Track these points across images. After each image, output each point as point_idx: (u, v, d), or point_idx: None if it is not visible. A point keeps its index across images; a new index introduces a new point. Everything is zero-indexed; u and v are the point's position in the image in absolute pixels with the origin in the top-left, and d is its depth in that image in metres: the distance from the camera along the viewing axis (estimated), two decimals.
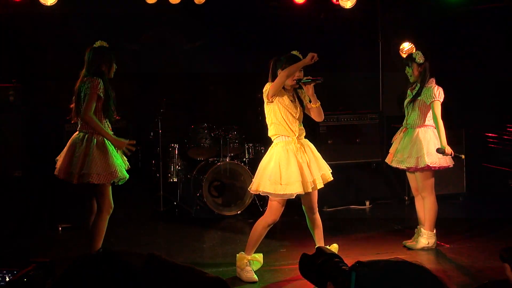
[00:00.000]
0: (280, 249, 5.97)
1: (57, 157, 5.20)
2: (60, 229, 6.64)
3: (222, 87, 9.02)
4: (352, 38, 8.79)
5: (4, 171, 6.72)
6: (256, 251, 5.15)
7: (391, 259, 1.70)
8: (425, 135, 5.76)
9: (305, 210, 5.19)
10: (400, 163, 5.86)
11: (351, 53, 8.75)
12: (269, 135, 5.09)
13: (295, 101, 5.05)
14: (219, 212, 7.23)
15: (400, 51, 8.02)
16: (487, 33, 8.16)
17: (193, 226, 6.99)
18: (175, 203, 7.55)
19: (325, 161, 5.15)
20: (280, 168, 4.87)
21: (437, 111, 5.65)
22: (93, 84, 4.96)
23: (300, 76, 4.97)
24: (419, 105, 5.78)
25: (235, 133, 7.55)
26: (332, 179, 5.12)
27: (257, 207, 7.27)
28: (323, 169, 5.06)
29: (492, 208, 7.45)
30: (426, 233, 5.84)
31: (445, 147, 5.62)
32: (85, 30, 7.41)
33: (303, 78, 4.98)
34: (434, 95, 5.67)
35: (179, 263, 1.60)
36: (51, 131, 7.07)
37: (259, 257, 5.18)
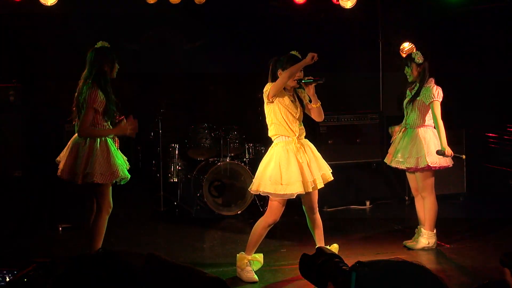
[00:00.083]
0: (280, 249, 5.96)
1: (57, 158, 5.17)
2: (60, 229, 6.63)
3: (222, 87, 9.03)
4: (352, 38, 8.79)
5: (4, 171, 6.72)
6: (256, 251, 5.15)
7: (391, 259, 1.70)
8: (425, 135, 5.75)
9: (305, 210, 5.18)
10: (400, 164, 5.85)
11: (351, 53, 8.75)
12: (269, 135, 5.09)
13: (296, 101, 5.04)
14: (219, 212, 7.23)
15: (400, 51, 8.01)
16: (487, 33, 8.15)
17: (193, 226, 6.98)
18: (175, 203, 7.55)
19: (325, 161, 5.15)
20: (280, 168, 4.87)
21: (436, 112, 5.64)
22: (91, 96, 4.89)
23: (300, 76, 4.97)
24: (418, 105, 5.77)
25: (235, 133, 7.54)
26: (332, 179, 5.11)
27: (257, 207, 7.27)
28: (323, 169, 5.06)
29: (492, 208, 7.45)
30: (426, 233, 5.84)
31: (445, 149, 5.61)
32: (85, 30, 7.41)
33: (305, 78, 4.97)
34: (433, 95, 5.66)
35: (178, 263, 1.60)
36: (51, 131, 7.07)
37: (260, 257, 5.17)
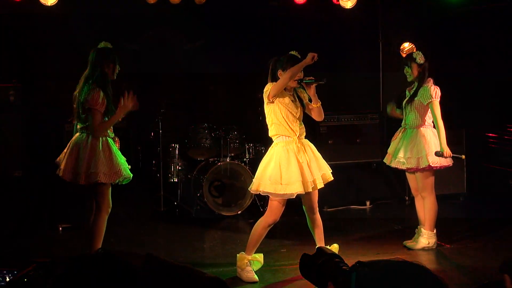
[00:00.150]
0: (280, 249, 5.96)
1: (57, 159, 5.16)
2: (60, 229, 6.63)
3: (222, 87, 9.03)
4: (352, 38, 8.79)
5: (4, 171, 6.72)
6: (256, 251, 5.15)
7: (391, 259, 1.70)
8: (424, 135, 5.74)
9: (306, 210, 5.18)
10: (400, 164, 5.84)
11: (351, 53, 8.75)
12: (269, 135, 5.09)
13: (296, 101, 5.04)
14: (219, 212, 7.23)
15: (400, 51, 8.01)
16: (487, 33, 8.15)
17: (194, 226, 6.98)
18: (175, 203, 7.55)
19: (326, 161, 5.15)
20: (280, 168, 4.87)
21: (436, 112, 5.63)
22: (93, 98, 4.91)
23: (300, 76, 4.97)
24: (416, 106, 5.76)
25: (236, 133, 7.54)
26: (332, 179, 5.11)
27: (257, 207, 7.27)
28: (323, 169, 5.06)
29: (492, 208, 7.44)
30: (426, 233, 5.84)
31: (444, 150, 5.60)
32: (85, 30, 7.41)
33: (306, 78, 4.97)
34: (431, 95, 5.65)
35: (177, 263, 1.60)
36: (51, 131, 7.07)
37: (260, 257, 5.17)
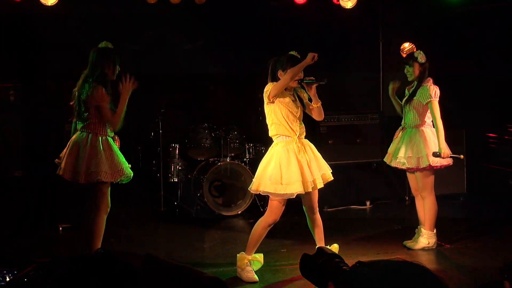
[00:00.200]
0: (280, 249, 5.96)
1: (57, 159, 5.16)
2: (60, 229, 6.63)
3: (222, 87, 9.02)
4: (352, 38, 8.79)
5: (4, 171, 6.72)
6: (256, 251, 5.15)
7: (391, 259, 1.69)
8: (424, 135, 5.73)
9: (306, 210, 5.18)
10: (401, 164, 5.83)
11: (351, 53, 8.75)
12: (270, 135, 5.09)
13: (296, 100, 5.04)
14: (219, 212, 7.23)
15: (400, 51, 8.01)
16: (487, 33, 8.15)
17: (194, 226, 6.98)
18: (175, 203, 7.55)
19: (326, 161, 5.15)
20: (280, 167, 4.87)
21: (435, 111, 5.62)
22: (98, 95, 4.93)
23: (300, 76, 4.97)
24: (415, 105, 5.76)
25: (236, 133, 7.54)
26: (332, 179, 5.11)
27: (257, 207, 7.27)
28: (323, 169, 5.06)
29: (492, 208, 7.44)
30: (426, 233, 5.83)
31: (442, 150, 5.57)
32: (85, 30, 7.41)
33: (306, 78, 4.98)
34: (430, 95, 5.63)
35: (177, 263, 1.60)
36: (51, 131, 7.07)
37: (260, 257, 5.17)
